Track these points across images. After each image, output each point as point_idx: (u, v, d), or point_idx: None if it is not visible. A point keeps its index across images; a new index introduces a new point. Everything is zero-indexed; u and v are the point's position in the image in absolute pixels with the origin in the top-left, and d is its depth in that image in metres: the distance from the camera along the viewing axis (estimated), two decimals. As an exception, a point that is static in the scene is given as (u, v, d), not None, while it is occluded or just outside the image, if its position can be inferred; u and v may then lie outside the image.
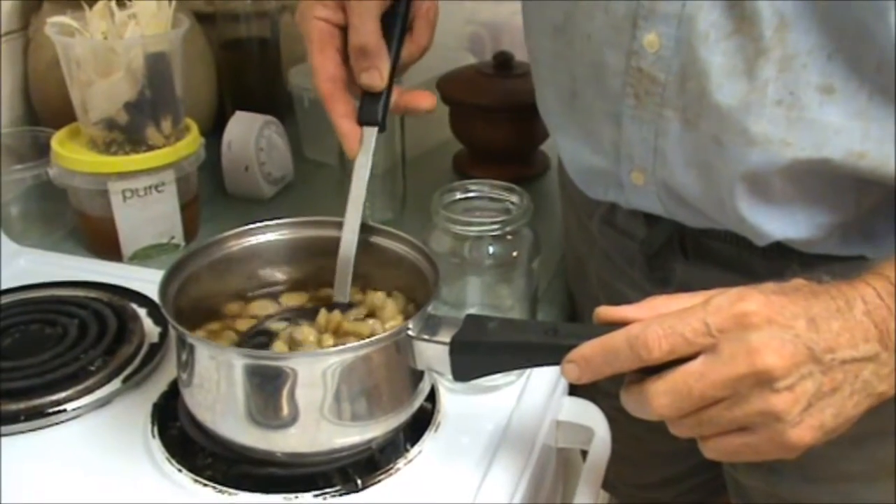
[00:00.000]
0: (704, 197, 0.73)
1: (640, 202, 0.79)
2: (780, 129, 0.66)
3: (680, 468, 1.07)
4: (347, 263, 0.73)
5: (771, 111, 0.66)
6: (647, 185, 0.76)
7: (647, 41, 0.69)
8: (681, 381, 0.55)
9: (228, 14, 1.27)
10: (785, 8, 0.63)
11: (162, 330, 0.84)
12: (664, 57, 0.69)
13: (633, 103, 0.72)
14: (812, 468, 0.81)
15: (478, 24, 1.51)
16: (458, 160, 1.25)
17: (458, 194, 0.80)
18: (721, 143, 0.69)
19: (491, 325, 0.66)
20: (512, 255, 0.77)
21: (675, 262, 0.84)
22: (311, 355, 0.68)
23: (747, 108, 0.66)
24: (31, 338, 0.81)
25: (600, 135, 0.77)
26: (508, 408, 0.76)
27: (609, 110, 0.75)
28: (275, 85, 1.31)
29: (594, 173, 0.82)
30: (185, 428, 0.71)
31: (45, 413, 0.74)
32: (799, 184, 0.69)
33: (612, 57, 0.72)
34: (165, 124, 0.98)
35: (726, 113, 0.67)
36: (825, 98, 0.64)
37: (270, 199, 1.16)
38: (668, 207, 0.77)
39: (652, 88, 0.71)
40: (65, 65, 0.96)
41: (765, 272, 0.77)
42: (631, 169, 0.76)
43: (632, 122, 0.73)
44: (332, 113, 0.74)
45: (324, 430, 0.66)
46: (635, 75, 0.71)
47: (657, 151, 0.73)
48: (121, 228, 0.99)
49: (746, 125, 0.67)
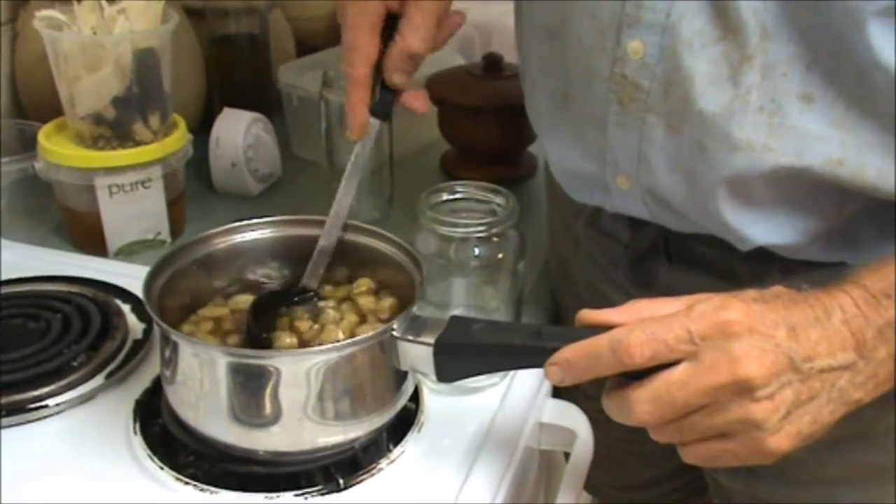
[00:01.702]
0: (688, 202, 0.74)
1: (625, 206, 0.80)
2: (763, 136, 0.66)
3: (662, 470, 1.07)
4: (328, 251, 0.76)
5: (754, 117, 0.66)
6: (633, 189, 0.76)
7: (631, 48, 0.70)
8: (663, 389, 0.56)
9: (218, 10, 1.27)
10: (767, 18, 0.63)
11: (146, 326, 0.84)
12: (648, 64, 0.69)
13: (617, 109, 0.73)
14: (791, 472, 0.82)
15: (468, 25, 1.50)
16: (445, 160, 1.25)
17: (444, 195, 0.80)
18: (705, 148, 0.69)
19: (475, 327, 0.66)
20: (497, 257, 0.77)
21: (659, 265, 0.84)
22: (295, 354, 0.68)
23: (731, 114, 0.67)
24: (14, 332, 0.81)
25: (587, 139, 0.77)
26: (491, 409, 0.76)
27: (596, 115, 0.75)
28: (264, 82, 1.31)
29: (580, 177, 0.82)
30: (168, 425, 0.71)
31: (26, 408, 0.73)
32: (781, 189, 0.70)
33: (599, 62, 0.73)
34: (153, 120, 0.98)
35: (710, 119, 0.67)
36: (805, 106, 0.65)
37: (258, 196, 1.16)
38: (653, 212, 0.78)
39: (636, 95, 0.71)
40: (52, 59, 0.96)
41: (747, 277, 0.78)
42: (616, 174, 0.77)
43: (616, 129, 0.74)
44: (355, 98, 0.75)
45: (307, 430, 0.66)
46: (619, 81, 0.71)
47: (641, 157, 0.73)
48: (106, 224, 0.98)
49: (729, 131, 0.67)
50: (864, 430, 0.77)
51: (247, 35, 1.29)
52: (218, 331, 0.74)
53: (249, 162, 1.13)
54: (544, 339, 0.62)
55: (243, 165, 1.12)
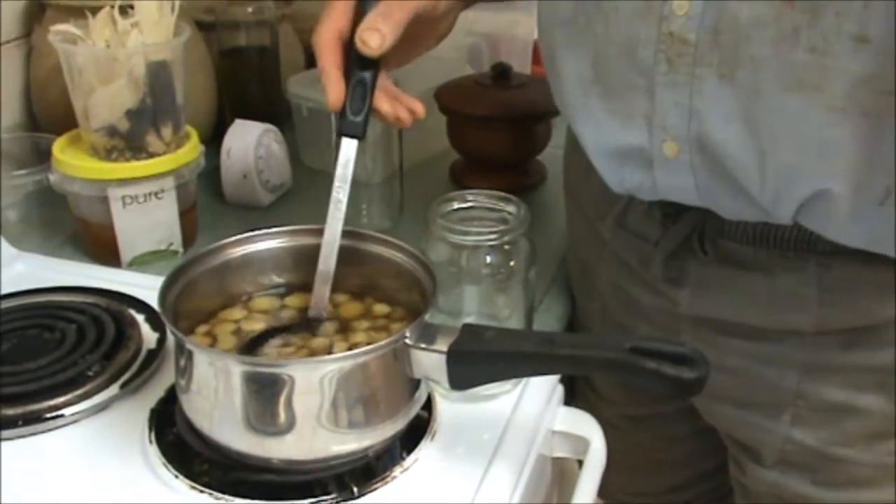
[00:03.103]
0: (744, 155, 0.72)
1: (669, 181, 0.78)
2: (814, 76, 0.66)
3: (686, 475, 1.07)
4: (327, 277, 0.74)
5: (804, 58, 0.66)
6: (681, 155, 0.75)
7: (676, 4, 0.70)
8: None
9: (229, 23, 1.28)
10: None
11: (159, 336, 0.84)
12: (693, 17, 0.69)
13: (664, 69, 0.72)
14: (825, 472, 0.82)
15: (476, 35, 1.52)
16: (455, 170, 1.26)
17: (455, 204, 0.80)
18: (759, 91, 0.69)
19: (488, 335, 0.66)
20: (509, 265, 0.78)
21: (691, 261, 0.83)
22: (309, 362, 0.68)
23: (779, 55, 0.66)
24: (30, 343, 0.81)
25: (631, 110, 0.77)
26: (504, 417, 0.76)
27: (639, 83, 0.74)
28: (274, 93, 1.32)
29: (622, 155, 0.80)
30: (182, 434, 0.72)
31: (42, 418, 0.74)
32: (837, 130, 0.68)
33: (643, 28, 0.72)
34: (166, 132, 0.99)
35: (760, 62, 0.67)
36: (858, 46, 0.64)
37: (268, 206, 1.16)
38: (700, 180, 0.76)
39: (684, 50, 0.71)
40: (67, 72, 0.97)
41: (782, 271, 0.78)
42: (664, 139, 0.75)
43: (665, 89, 0.73)
44: (324, 61, 0.74)
45: (320, 438, 0.66)
46: (666, 40, 0.71)
47: (693, 113, 0.73)
48: (120, 234, 0.99)
49: (780, 72, 0.67)
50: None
51: (257, 47, 1.30)
52: (239, 332, 0.75)
53: (260, 173, 1.14)
54: (557, 347, 0.63)
55: (254, 176, 1.13)
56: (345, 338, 0.74)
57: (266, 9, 1.28)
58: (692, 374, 0.62)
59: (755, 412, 0.85)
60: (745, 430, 0.88)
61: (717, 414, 0.90)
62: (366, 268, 0.78)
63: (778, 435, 0.84)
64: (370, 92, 0.75)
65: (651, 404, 1.00)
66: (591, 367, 0.66)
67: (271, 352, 0.73)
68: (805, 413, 0.83)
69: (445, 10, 0.80)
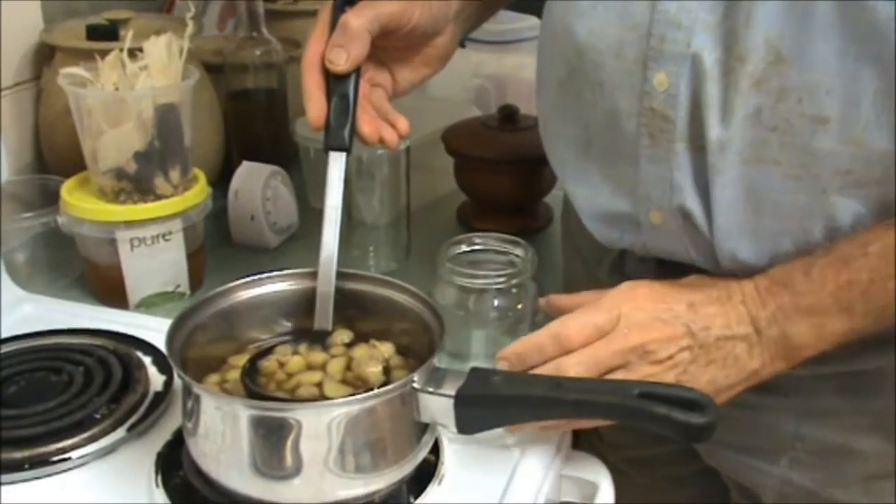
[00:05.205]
0: (708, 225, 0.74)
1: (660, 244, 0.79)
2: (773, 152, 0.68)
3: None
4: (328, 297, 0.76)
5: (765, 136, 0.68)
6: (666, 223, 0.76)
7: (657, 80, 0.71)
8: (590, 353, 0.69)
9: (237, 65, 1.29)
10: (781, 44, 0.65)
11: (166, 378, 0.84)
12: (673, 95, 0.71)
13: (647, 142, 0.73)
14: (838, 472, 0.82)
15: (483, 77, 1.53)
16: (462, 212, 1.26)
17: (463, 247, 0.80)
18: (720, 171, 0.70)
19: (496, 379, 0.66)
20: (516, 308, 0.78)
21: None
22: (317, 406, 0.68)
23: (742, 135, 0.69)
24: (37, 385, 0.81)
25: (617, 178, 0.78)
26: (512, 461, 0.76)
27: (625, 152, 0.76)
28: (281, 135, 1.32)
29: (611, 218, 0.82)
30: (189, 477, 0.71)
31: (49, 461, 0.74)
32: (785, 207, 0.71)
33: (625, 101, 0.74)
34: (174, 174, 0.99)
35: (724, 142, 0.69)
36: (818, 127, 0.66)
37: (276, 248, 1.17)
38: (689, 245, 0.77)
39: (664, 126, 0.72)
40: (76, 114, 0.97)
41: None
42: (649, 208, 0.76)
43: (648, 162, 0.74)
44: (307, 82, 0.76)
45: (327, 482, 0.66)
46: (648, 115, 0.72)
47: (674, 186, 0.74)
48: (128, 276, 1.00)
49: (740, 150, 0.69)
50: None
51: (265, 89, 1.31)
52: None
53: (268, 215, 1.14)
54: (565, 391, 0.63)
55: (262, 218, 1.13)
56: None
57: (274, 51, 1.29)
58: (701, 420, 0.62)
59: (754, 456, 0.85)
60: (745, 473, 0.87)
61: (717, 456, 0.90)
62: (372, 311, 0.78)
63: (777, 478, 0.84)
64: (353, 105, 0.76)
65: (653, 446, 1.00)
66: (600, 412, 0.66)
67: (272, 365, 0.73)
68: (803, 456, 0.82)
69: (432, 24, 0.81)
